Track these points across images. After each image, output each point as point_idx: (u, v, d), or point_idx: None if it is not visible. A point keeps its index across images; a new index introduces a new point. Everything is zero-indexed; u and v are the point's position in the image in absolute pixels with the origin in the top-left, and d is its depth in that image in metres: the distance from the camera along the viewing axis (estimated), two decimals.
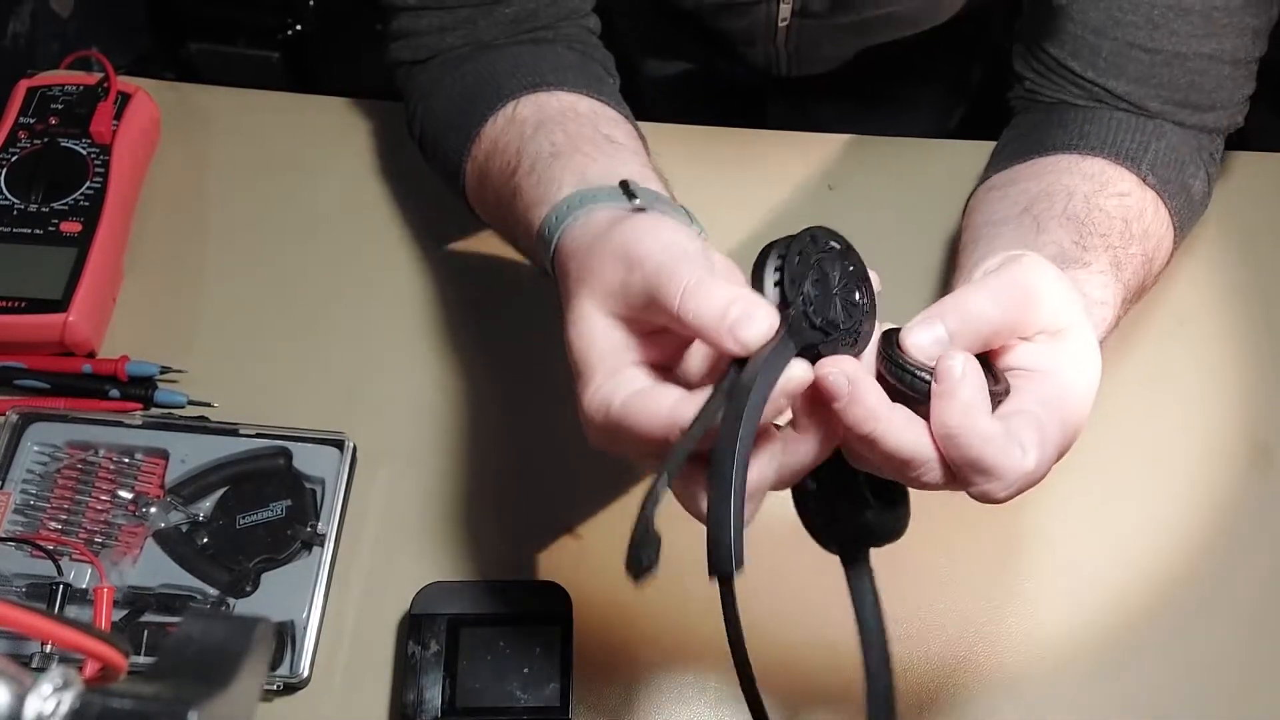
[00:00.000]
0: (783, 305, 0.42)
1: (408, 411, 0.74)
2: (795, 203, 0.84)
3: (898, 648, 0.67)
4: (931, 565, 0.70)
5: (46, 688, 0.26)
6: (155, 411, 0.72)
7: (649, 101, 0.84)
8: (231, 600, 0.65)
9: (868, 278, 0.46)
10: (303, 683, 0.63)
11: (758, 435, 0.41)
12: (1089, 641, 0.68)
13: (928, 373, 0.44)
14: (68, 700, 0.26)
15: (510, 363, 0.77)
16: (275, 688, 0.63)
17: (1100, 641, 0.68)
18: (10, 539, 0.65)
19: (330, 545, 0.67)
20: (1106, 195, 0.65)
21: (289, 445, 0.69)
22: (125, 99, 0.81)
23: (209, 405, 0.73)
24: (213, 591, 0.65)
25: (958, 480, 0.44)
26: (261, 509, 0.67)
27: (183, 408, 0.73)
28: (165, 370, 0.73)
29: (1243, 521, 0.73)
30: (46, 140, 0.78)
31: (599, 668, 0.65)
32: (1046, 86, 0.73)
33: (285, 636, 0.64)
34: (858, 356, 0.44)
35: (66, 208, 0.75)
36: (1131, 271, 0.63)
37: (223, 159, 0.85)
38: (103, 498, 0.68)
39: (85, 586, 0.64)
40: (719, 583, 0.39)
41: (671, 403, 0.42)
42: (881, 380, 0.44)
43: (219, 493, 0.68)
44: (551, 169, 0.59)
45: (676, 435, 0.41)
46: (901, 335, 0.44)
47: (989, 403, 0.43)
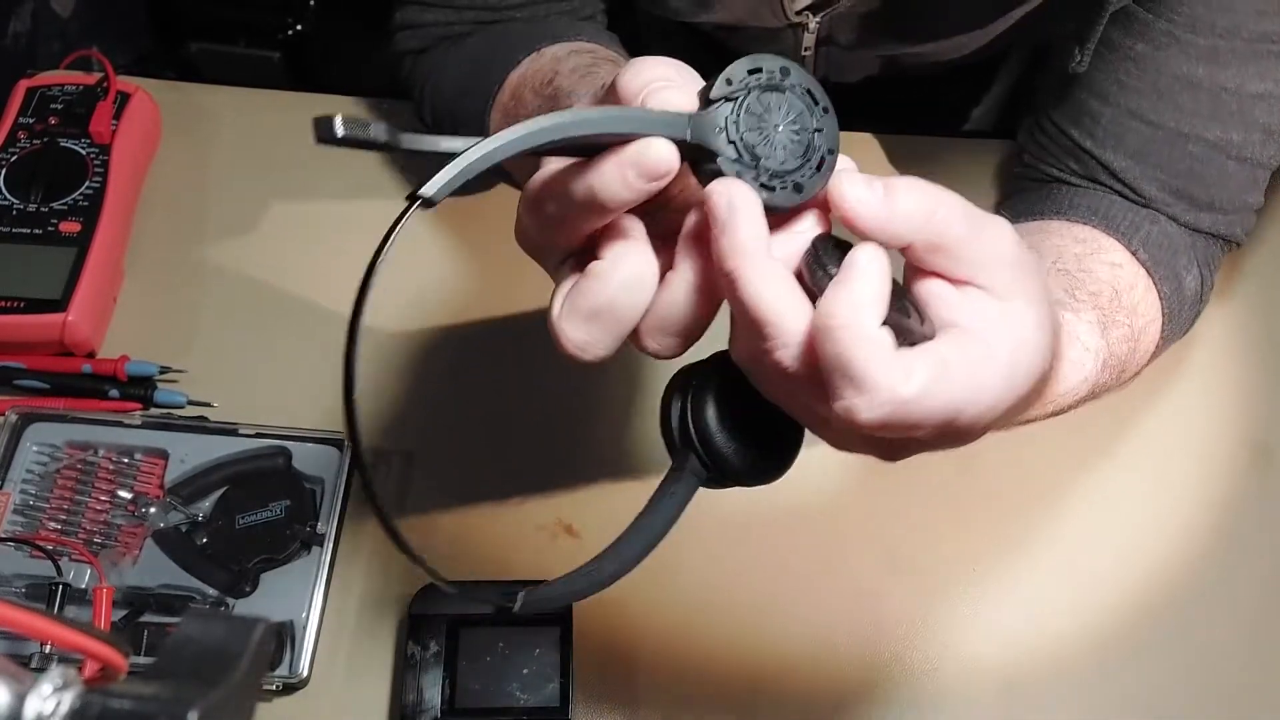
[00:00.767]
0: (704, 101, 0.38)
1: (408, 411, 0.74)
2: None
3: (898, 648, 0.68)
4: (932, 565, 0.71)
5: (46, 688, 0.26)
6: (155, 411, 0.72)
7: None
8: (231, 600, 0.65)
9: (834, 139, 0.41)
10: (303, 683, 0.63)
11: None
12: (1089, 641, 0.68)
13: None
14: (68, 700, 0.26)
15: (510, 362, 0.77)
16: (275, 688, 0.63)
17: (1100, 641, 0.68)
18: (10, 539, 0.65)
19: (330, 545, 0.67)
20: (1098, 260, 0.62)
21: (289, 445, 0.69)
22: (125, 99, 0.81)
23: (209, 405, 0.73)
24: (212, 591, 0.65)
25: (823, 385, 0.37)
26: (261, 509, 0.67)
27: (182, 408, 0.73)
28: (165, 370, 0.73)
29: (1243, 521, 0.73)
30: (46, 140, 0.78)
31: (599, 668, 0.65)
32: (1043, 159, 0.71)
33: (285, 636, 0.64)
34: (794, 209, 0.40)
35: (66, 208, 0.75)
36: (1117, 338, 0.59)
37: (223, 159, 0.85)
38: (102, 498, 0.68)
39: (85, 587, 0.64)
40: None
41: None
42: (802, 282, 0.39)
43: (218, 493, 0.68)
44: (595, 69, 0.58)
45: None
46: (840, 177, 0.39)
47: (884, 309, 0.37)
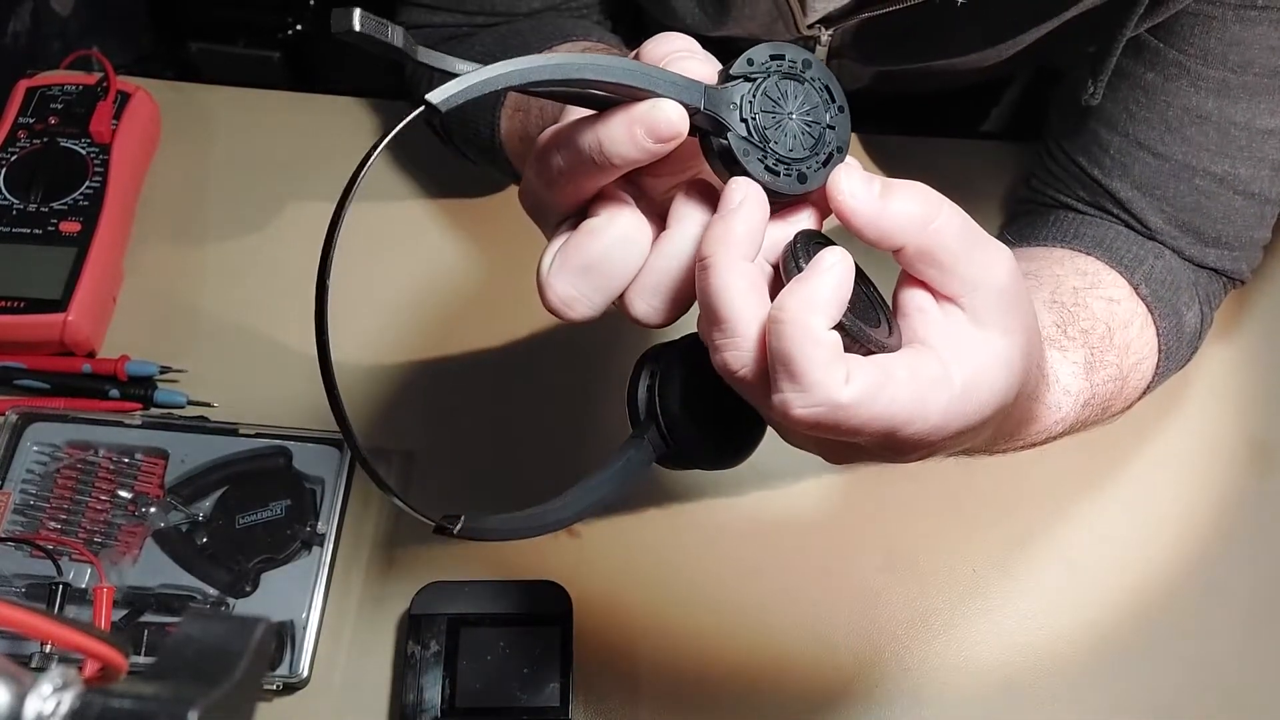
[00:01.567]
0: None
1: (408, 411, 0.74)
2: None
3: (898, 648, 0.68)
4: (932, 565, 0.71)
5: (46, 688, 0.26)
6: (155, 411, 0.72)
7: None
8: (231, 600, 0.65)
9: (845, 138, 0.41)
10: (303, 683, 0.63)
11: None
12: (1089, 641, 0.69)
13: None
14: (68, 700, 0.26)
15: (510, 362, 0.77)
16: (275, 688, 0.63)
17: (1100, 641, 0.69)
18: (10, 539, 0.65)
19: (330, 545, 0.67)
20: (1095, 295, 0.62)
21: (289, 445, 0.69)
22: (125, 98, 0.81)
23: (209, 405, 0.73)
24: (212, 591, 0.65)
25: (767, 381, 0.38)
26: (261, 509, 0.67)
27: (182, 408, 0.73)
28: (165, 370, 0.73)
29: (1243, 521, 0.73)
30: (46, 140, 0.78)
31: (599, 668, 0.65)
32: (1050, 184, 0.71)
33: (285, 636, 0.64)
34: (799, 197, 0.41)
35: (66, 207, 0.75)
36: (1102, 379, 0.59)
37: (223, 159, 0.85)
38: (102, 498, 0.68)
39: (85, 586, 0.64)
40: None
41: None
42: (779, 274, 0.40)
43: (219, 493, 0.68)
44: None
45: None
46: (839, 170, 0.40)
47: (838, 312, 0.37)
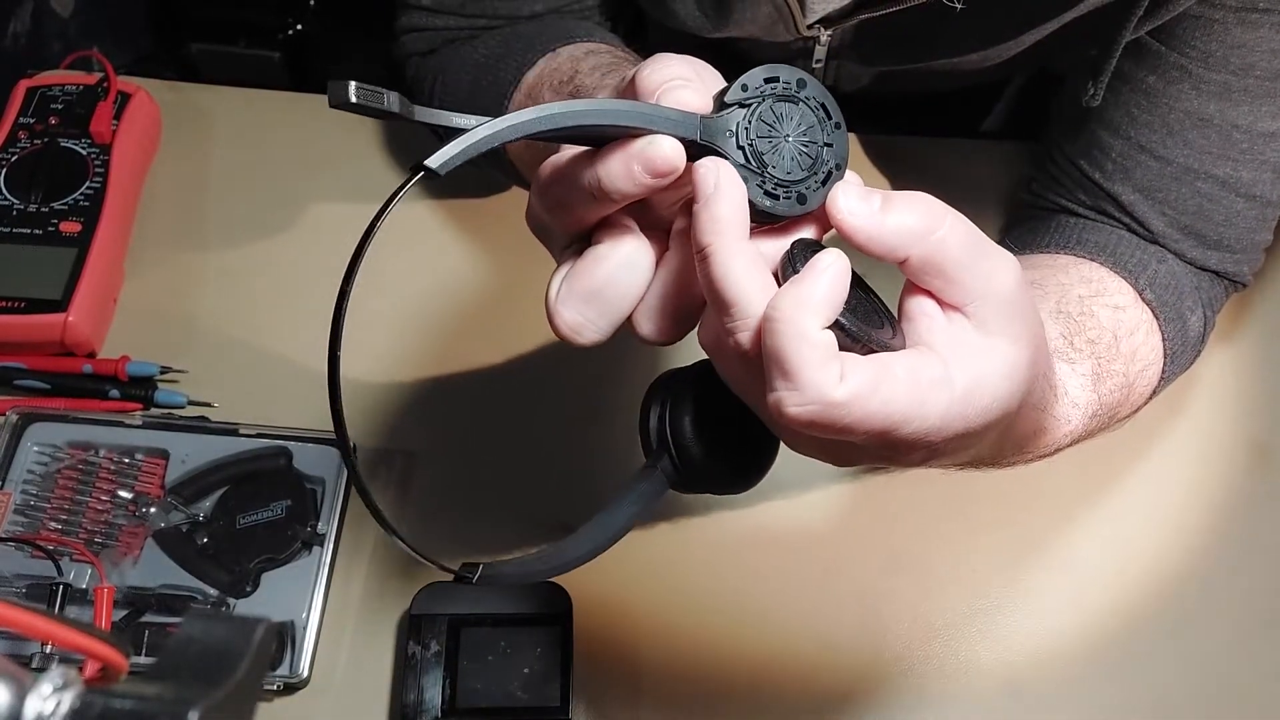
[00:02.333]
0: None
1: (408, 411, 0.74)
2: None
3: (898, 648, 0.68)
4: (933, 565, 0.71)
5: (46, 688, 0.26)
6: (155, 411, 0.72)
7: None
8: (232, 600, 0.65)
9: (842, 155, 0.41)
10: (303, 683, 0.63)
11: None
12: (1089, 641, 0.69)
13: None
14: (68, 700, 0.26)
15: (510, 362, 0.77)
16: (275, 688, 0.63)
17: (1100, 641, 0.69)
18: (10, 539, 0.65)
19: (330, 545, 0.67)
20: (1101, 303, 0.61)
21: (289, 445, 0.69)
22: (125, 99, 0.81)
23: (209, 405, 0.73)
24: (213, 592, 0.65)
25: (763, 374, 0.38)
26: (261, 509, 0.67)
27: (183, 408, 0.73)
28: (165, 370, 0.73)
29: (1243, 521, 0.73)
30: (46, 140, 0.78)
31: (599, 668, 0.65)
32: (1051, 188, 0.70)
33: (285, 636, 0.64)
34: (799, 222, 0.41)
35: (66, 208, 0.75)
36: (1109, 389, 0.59)
37: (223, 159, 0.85)
38: (103, 498, 0.68)
39: (85, 587, 0.64)
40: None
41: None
42: (778, 282, 0.39)
43: (219, 493, 0.68)
44: (616, 67, 0.58)
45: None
46: (836, 188, 0.40)
47: (833, 312, 0.37)
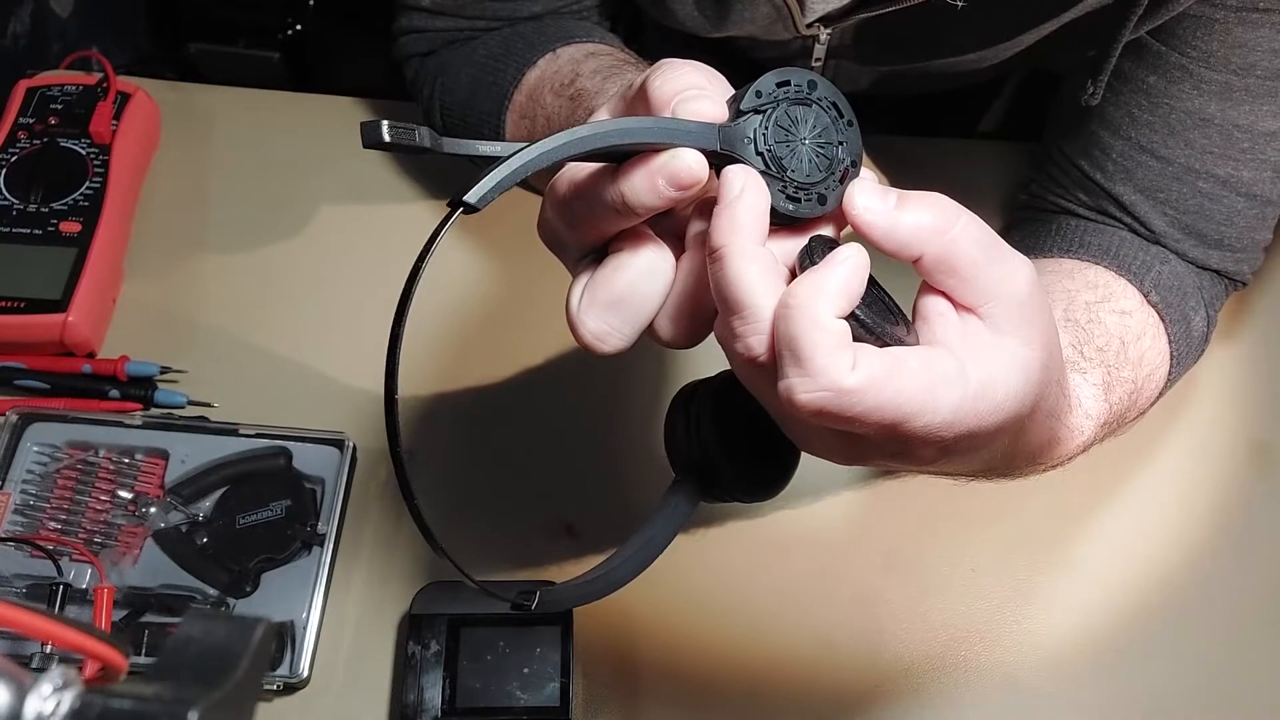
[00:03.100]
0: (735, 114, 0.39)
1: (408, 411, 0.74)
2: None
3: (898, 647, 0.68)
4: (932, 565, 0.71)
5: (46, 688, 0.26)
6: (155, 411, 0.72)
7: None
8: (231, 600, 0.65)
9: (856, 152, 0.42)
10: (303, 683, 0.63)
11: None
12: (1089, 641, 0.69)
13: None
14: (68, 700, 0.26)
15: (510, 362, 0.77)
16: (275, 688, 0.63)
17: (1100, 641, 0.69)
18: (10, 539, 0.65)
19: (330, 545, 0.67)
20: (1108, 309, 0.61)
21: (289, 445, 0.69)
22: (125, 99, 0.81)
23: (209, 405, 0.73)
24: (213, 591, 0.65)
25: (775, 367, 0.38)
26: (261, 509, 0.67)
27: (183, 408, 0.73)
28: (165, 370, 0.73)
29: (1243, 521, 0.73)
30: (46, 140, 0.78)
31: (599, 668, 0.65)
32: (1052, 189, 0.70)
33: (285, 636, 0.64)
34: (817, 220, 0.41)
35: (66, 208, 0.75)
36: (1119, 396, 0.59)
37: (223, 159, 0.85)
38: (102, 498, 0.68)
39: (85, 587, 0.64)
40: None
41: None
42: (794, 276, 0.39)
43: (219, 493, 0.68)
44: (618, 70, 0.57)
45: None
46: (853, 186, 0.40)
47: (849, 303, 0.38)
